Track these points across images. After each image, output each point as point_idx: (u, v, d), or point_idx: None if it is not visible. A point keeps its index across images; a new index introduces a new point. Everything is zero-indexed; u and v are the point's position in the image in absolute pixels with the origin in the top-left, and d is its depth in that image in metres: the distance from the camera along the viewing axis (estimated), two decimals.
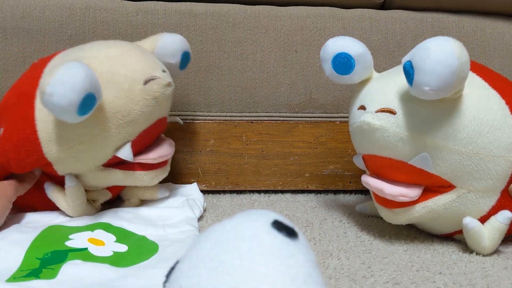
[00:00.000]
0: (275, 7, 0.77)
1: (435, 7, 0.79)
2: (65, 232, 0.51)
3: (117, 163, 0.57)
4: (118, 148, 0.55)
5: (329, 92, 0.77)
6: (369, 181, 0.58)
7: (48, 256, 0.45)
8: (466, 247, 0.57)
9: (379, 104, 0.54)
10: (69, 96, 0.45)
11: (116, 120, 0.53)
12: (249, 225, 0.27)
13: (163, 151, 0.60)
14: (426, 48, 0.47)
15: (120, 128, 0.54)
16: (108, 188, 0.60)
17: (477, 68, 0.56)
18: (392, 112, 0.53)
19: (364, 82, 0.59)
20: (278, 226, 0.27)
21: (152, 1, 0.74)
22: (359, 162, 0.62)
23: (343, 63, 0.57)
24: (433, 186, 0.54)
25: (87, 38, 0.71)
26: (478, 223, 0.53)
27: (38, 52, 0.70)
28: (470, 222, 0.53)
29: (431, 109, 0.51)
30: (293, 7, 0.77)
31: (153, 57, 0.59)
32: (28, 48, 0.70)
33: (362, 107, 0.56)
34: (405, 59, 0.50)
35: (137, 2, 0.73)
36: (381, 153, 0.55)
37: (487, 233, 0.53)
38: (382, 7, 0.80)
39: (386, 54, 0.77)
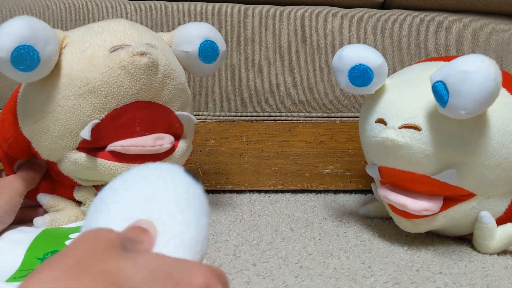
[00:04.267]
0: (275, 6, 0.77)
1: (435, 6, 0.79)
2: (65, 231, 0.51)
3: (90, 149, 0.52)
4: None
5: (329, 92, 0.77)
6: (390, 196, 0.55)
7: (48, 256, 0.45)
8: (466, 247, 0.57)
9: (402, 119, 0.52)
10: (2, 42, 0.43)
11: (75, 88, 0.48)
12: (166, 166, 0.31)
13: (141, 141, 0.51)
14: (463, 71, 0.45)
15: (81, 98, 0.48)
16: (96, 187, 0.55)
17: None
18: (417, 128, 0.51)
19: (379, 91, 0.57)
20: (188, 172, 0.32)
21: (152, 1, 0.74)
22: (373, 173, 0.60)
23: (361, 75, 0.54)
24: (453, 195, 0.54)
25: None
26: (494, 221, 0.53)
27: None
28: (486, 216, 0.53)
29: (457, 124, 0.49)
30: (293, 6, 0.77)
31: (145, 32, 0.53)
32: None
33: (382, 121, 0.54)
34: (435, 78, 0.47)
35: (137, 2, 0.73)
36: (404, 168, 0.54)
37: (498, 236, 0.53)
38: (382, 6, 0.80)
39: (386, 54, 0.77)
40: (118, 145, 0.51)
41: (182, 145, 0.56)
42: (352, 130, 0.77)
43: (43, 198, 0.55)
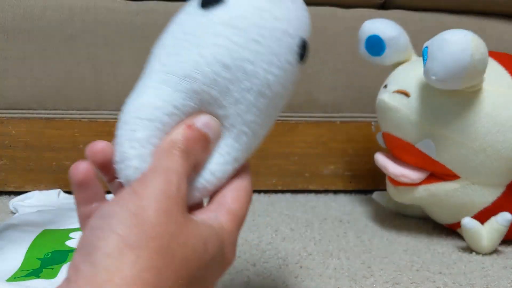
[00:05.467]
0: None
1: (435, 7, 0.79)
2: (65, 231, 0.51)
3: None
4: None
5: (329, 92, 0.77)
6: (378, 159, 0.60)
7: (49, 257, 0.45)
8: (466, 247, 0.57)
9: (398, 85, 0.56)
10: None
11: None
12: None
13: None
14: (443, 38, 0.47)
15: None
16: None
17: (508, 62, 0.55)
18: (406, 94, 0.55)
19: (398, 65, 0.60)
20: None
21: (153, 1, 0.74)
22: (380, 140, 0.64)
23: (374, 45, 0.59)
24: (438, 173, 0.55)
25: (87, 38, 0.71)
26: (477, 223, 0.53)
27: (38, 52, 0.70)
28: (469, 222, 0.53)
29: (445, 98, 0.52)
30: None
31: None
32: (28, 48, 0.70)
33: (385, 86, 0.59)
34: (425, 44, 0.51)
35: (138, 2, 0.73)
36: (394, 133, 0.57)
37: (485, 234, 0.53)
38: (382, 6, 0.80)
39: None
40: None
41: None
42: (352, 130, 0.77)
43: None
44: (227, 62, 0.28)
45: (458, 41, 0.46)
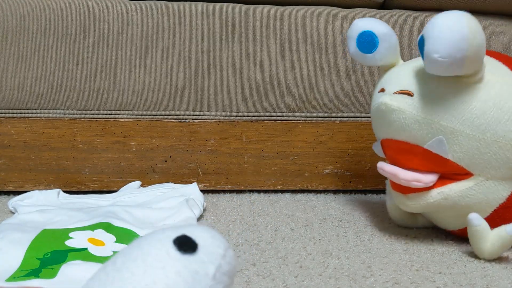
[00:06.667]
0: (275, 6, 0.77)
1: (435, 6, 0.79)
2: (65, 231, 0.51)
3: None
4: None
5: (329, 92, 0.77)
6: (384, 167, 0.57)
7: (48, 256, 0.45)
8: (466, 247, 0.57)
9: (398, 86, 0.55)
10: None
11: None
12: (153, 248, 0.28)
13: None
14: (434, 18, 0.48)
15: None
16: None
17: (505, 58, 0.56)
18: (409, 94, 0.54)
19: (388, 68, 0.60)
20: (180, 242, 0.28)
21: (152, 1, 0.74)
22: (377, 149, 0.62)
23: (367, 41, 0.58)
24: (450, 173, 0.53)
25: (86, 38, 0.71)
26: (484, 222, 0.52)
27: (38, 51, 0.70)
28: (475, 218, 0.52)
29: (449, 91, 0.51)
30: (293, 7, 0.77)
31: None
32: (27, 48, 0.70)
33: (382, 90, 0.57)
34: (419, 36, 0.51)
35: (137, 1, 0.73)
36: (398, 136, 0.55)
37: (491, 238, 0.52)
38: (382, 6, 0.80)
39: None
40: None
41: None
42: (352, 130, 0.77)
43: None
44: None
45: (449, 16, 0.47)
